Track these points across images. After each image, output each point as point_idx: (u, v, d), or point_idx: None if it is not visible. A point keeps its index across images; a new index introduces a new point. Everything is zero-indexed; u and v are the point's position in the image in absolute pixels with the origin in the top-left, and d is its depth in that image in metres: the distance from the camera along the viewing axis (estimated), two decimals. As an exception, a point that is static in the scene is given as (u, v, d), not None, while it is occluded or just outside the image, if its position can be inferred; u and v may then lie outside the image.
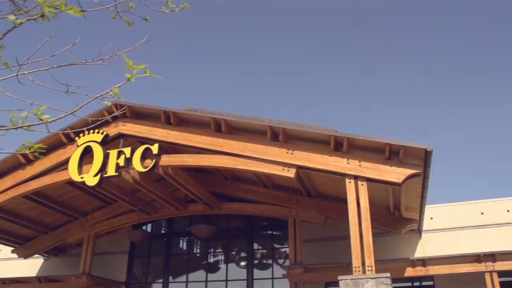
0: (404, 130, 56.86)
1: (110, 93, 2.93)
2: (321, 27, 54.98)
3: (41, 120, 2.89)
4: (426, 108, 55.88)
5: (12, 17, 3.03)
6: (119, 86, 2.86)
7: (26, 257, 22.47)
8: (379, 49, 55.53)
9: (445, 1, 48.10)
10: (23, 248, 22.18)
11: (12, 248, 22.33)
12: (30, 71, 3.28)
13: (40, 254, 23.18)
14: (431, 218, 18.54)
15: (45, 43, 3.35)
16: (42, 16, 3.06)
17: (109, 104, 2.87)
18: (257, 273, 20.07)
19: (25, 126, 2.88)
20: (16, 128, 2.90)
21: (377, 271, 11.65)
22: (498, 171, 51.06)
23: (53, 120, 2.91)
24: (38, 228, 21.24)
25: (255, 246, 20.86)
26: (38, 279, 21.37)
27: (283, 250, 20.49)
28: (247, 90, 63.76)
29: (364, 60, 56.69)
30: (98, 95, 2.92)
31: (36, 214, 20.30)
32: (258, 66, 62.58)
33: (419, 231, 17.94)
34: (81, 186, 16.93)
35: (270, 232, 21.30)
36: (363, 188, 12.49)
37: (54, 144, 16.28)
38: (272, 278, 19.57)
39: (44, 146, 3.24)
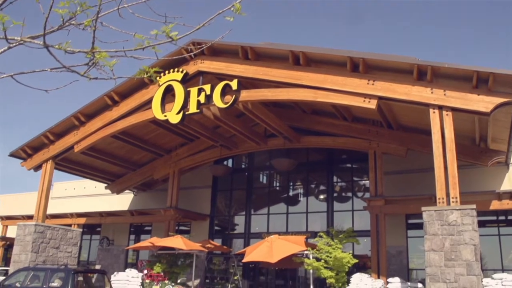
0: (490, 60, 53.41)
1: (232, 8, 2.94)
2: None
3: (170, 37, 3.01)
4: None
5: None
6: (239, 2, 2.87)
7: (118, 192, 24.12)
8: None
9: None
10: (114, 185, 23.80)
11: (105, 185, 24.00)
12: (130, 4, 3.39)
13: (130, 190, 24.78)
14: (520, 149, 17.67)
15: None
16: None
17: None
18: (336, 205, 20.33)
19: (151, 46, 3.00)
20: (143, 49, 3.04)
21: (461, 203, 11.40)
22: None
23: (181, 37, 3.00)
24: (127, 165, 22.59)
25: (335, 179, 21.01)
26: (130, 212, 22.99)
27: (362, 183, 20.51)
28: (319, 33, 62.04)
29: None
30: (220, 11, 2.95)
31: (124, 153, 21.54)
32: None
33: (506, 164, 17.17)
34: (165, 124, 17.64)
35: (349, 165, 21.32)
36: (448, 118, 12.03)
37: (138, 84, 16.87)
38: (352, 210, 19.76)
39: (159, 70, 3.34)
